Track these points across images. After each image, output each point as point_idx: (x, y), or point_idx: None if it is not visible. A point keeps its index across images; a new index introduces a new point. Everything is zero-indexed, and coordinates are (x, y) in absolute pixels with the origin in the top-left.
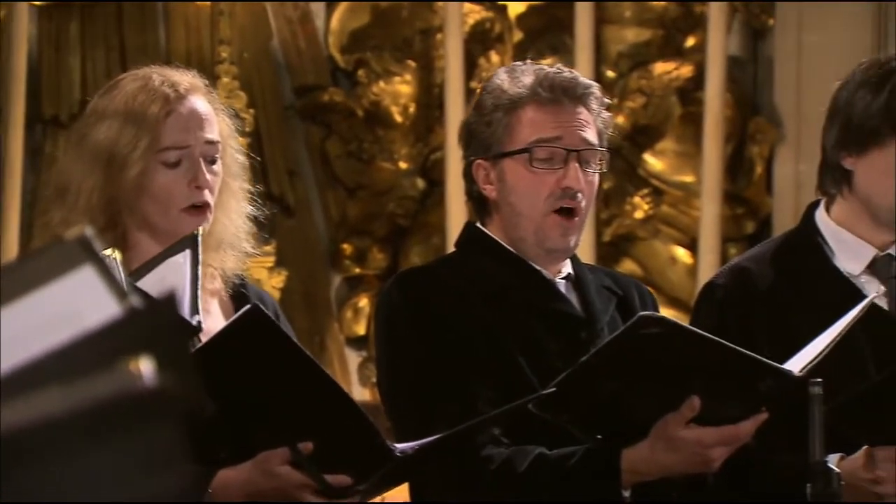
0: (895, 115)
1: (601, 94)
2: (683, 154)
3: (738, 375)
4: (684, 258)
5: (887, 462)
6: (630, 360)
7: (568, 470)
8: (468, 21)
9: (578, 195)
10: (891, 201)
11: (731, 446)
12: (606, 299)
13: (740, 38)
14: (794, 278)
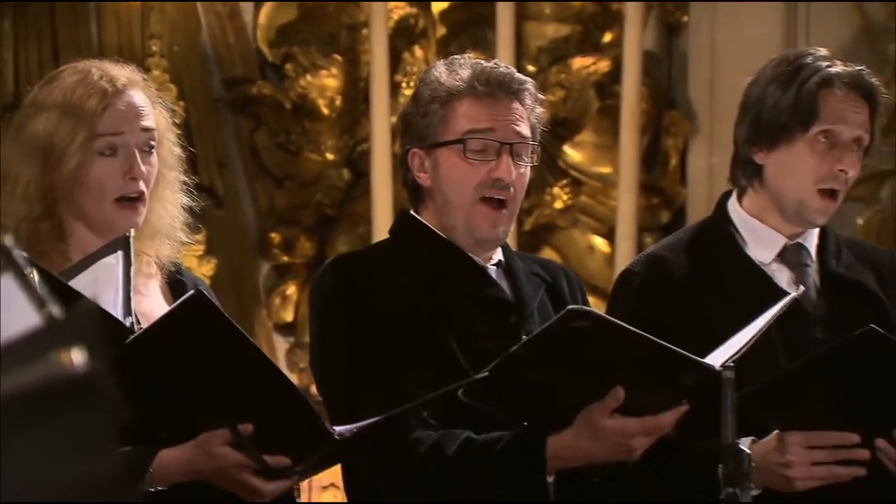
0: (803, 111)
1: (535, 90)
2: (601, 146)
3: (662, 368)
4: (602, 247)
5: (797, 446)
6: (557, 351)
7: (495, 454)
8: (393, 17)
9: (509, 187)
10: (798, 196)
11: (653, 436)
12: (536, 285)
13: (655, 34)
14: (707, 266)
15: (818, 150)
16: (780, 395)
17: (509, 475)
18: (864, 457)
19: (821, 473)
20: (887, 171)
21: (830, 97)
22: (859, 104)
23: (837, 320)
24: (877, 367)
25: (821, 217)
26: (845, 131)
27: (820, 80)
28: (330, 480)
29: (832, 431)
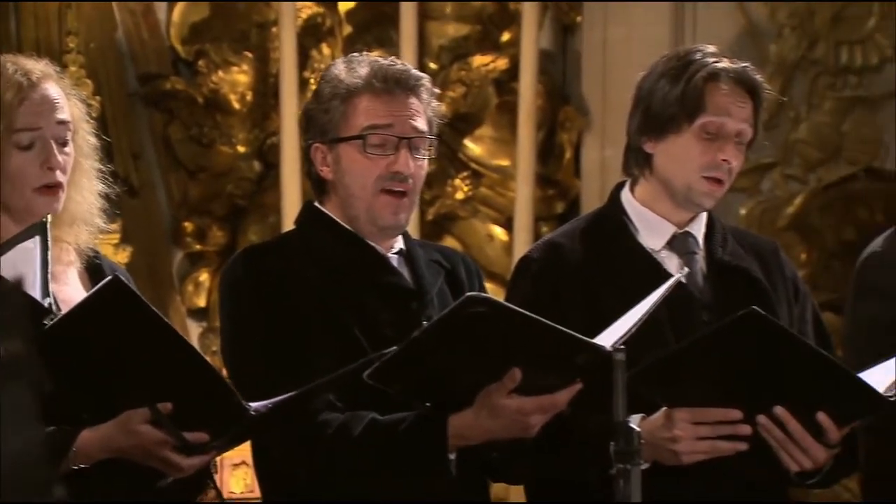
0: (690, 103)
1: (431, 86)
2: (500, 140)
3: (556, 350)
4: (501, 236)
5: (683, 422)
6: (457, 335)
7: (399, 434)
8: (301, 15)
9: (409, 179)
10: (686, 182)
11: (548, 413)
12: (435, 273)
13: (551, 33)
14: (601, 253)
15: (703, 141)
16: (667, 374)
17: (413, 453)
18: (746, 432)
19: (705, 448)
20: (768, 164)
21: (716, 91)
22: (743, 99)
23: (722, 305)
24: (758, 347)
25: (708, 200)
26: (729, 123)
27: (707, 74)
28: (241, 458)
29: (716, 408)
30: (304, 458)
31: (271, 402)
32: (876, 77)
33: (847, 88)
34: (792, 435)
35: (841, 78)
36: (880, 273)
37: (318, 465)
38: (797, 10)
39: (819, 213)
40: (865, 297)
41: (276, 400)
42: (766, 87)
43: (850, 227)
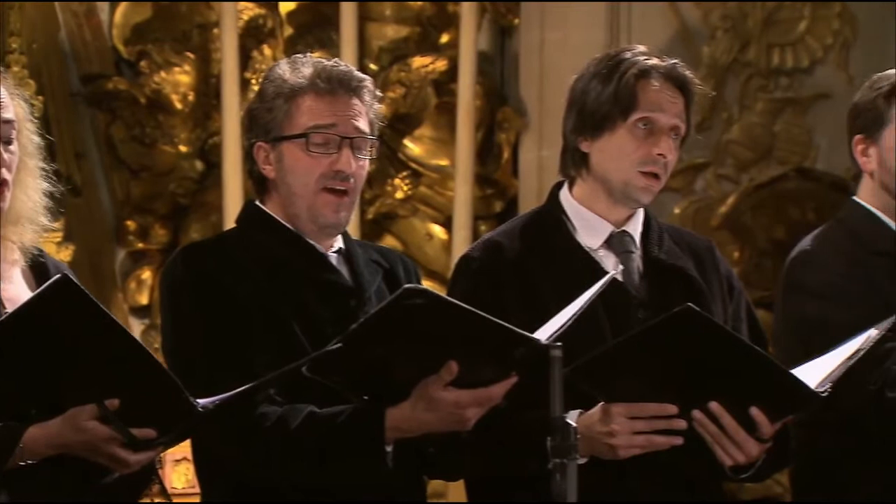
0: (622, 102)
1: (374, 87)
2: (439, 140)
3: (493, 343)
4: (440, 234)
5: (620, 417)
6: (395, 328)
7: (336, 426)
8: (242, 17)
9: (350, 178)
10: (623, 178)
11: (484, 407)
12: (374, 271)
13: (489, 35)
14: (540, 251)
15: (637, 136)
16: (605, 370)
17: (350, 445)
18: (682, 426)
19: (641, 442)
20: (702, 164)
21: (648, 87)
22: (674, 94)
23: (658, 303)
24: (694, 343)
25: (645, 195)
26: (662, 118)
27: (637, 71)
28: (182, 454)
29: (652, 403)
30: (243, 450)
31: (218, 398)
32: (806, 79)
33: (778, 90)
34: (726, 430)
35: (772, 80)
36: (808, 272)
37: (256, 457)
38: (730, 13)
39: (751, 213)
40: (794, 295)
41: (223, 396)
42: (697, 82)
43: (781, 225)
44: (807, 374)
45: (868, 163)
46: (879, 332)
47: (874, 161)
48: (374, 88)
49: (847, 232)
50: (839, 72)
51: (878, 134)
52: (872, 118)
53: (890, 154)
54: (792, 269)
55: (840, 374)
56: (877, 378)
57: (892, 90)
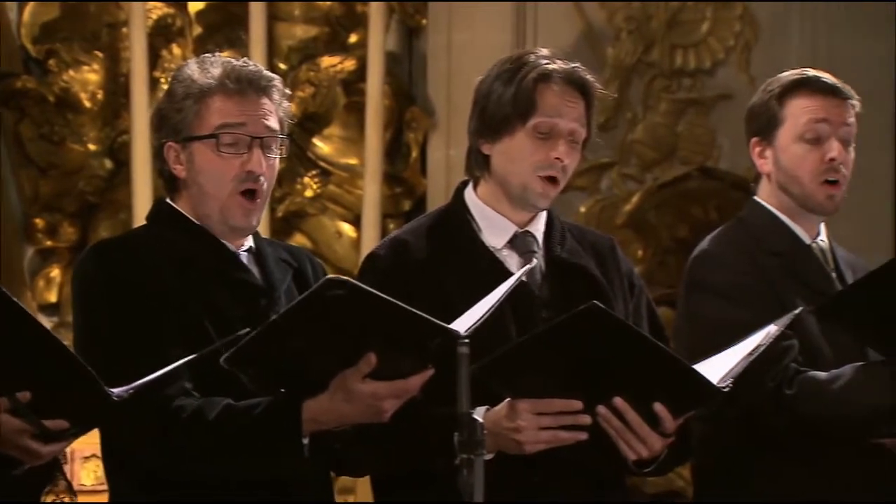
0: (522, 105)
1: (283, 86)
2: (348, 139)
3: (411, 334)
4: (349, 232)
5: (526, 413)
6: (315, 319)
7: (253, 418)
8: (151, 16)
9: (260, 178)
10: (521, 182)
11: (402, 398)
12: (284, 270)
13: (397, 35)
14: (446, 250)
15: (536, 140)
16: (511, 367)
17: (267, 437)
18: (587, 422)
19: (547, 437)
20: (607, 164)
21: (547, 91)
22: (574, 98)
23: (561, 301)
24: (598, 340)
25: (542, 200)
26: (561, 123)
27: (537, 75)
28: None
29: (558, 399)
30: (159, 442)
31: (132, 386)
32: (709, 80)
33: (681, 91)
34: (630, 425)
35: (676, 80)
36: (709, 270)
37: (173, 449)
38: (634, 15)
39: (655, 211)
40: (695, 293)
41: (138, 384)
42: (598, 86)
43: (684, 224)
44: (708, 369)
45: (765, 164)
46: (778, 328)
47: (770, 162)
48: (283, 87)
49: (747, 232)
50: (741, 73)
51: (772, 135)
52: (767, 120)
53: (784, 155)
54: (694, 267)
55: (741, 369)
56: (774, 375)
57: (784, 92)
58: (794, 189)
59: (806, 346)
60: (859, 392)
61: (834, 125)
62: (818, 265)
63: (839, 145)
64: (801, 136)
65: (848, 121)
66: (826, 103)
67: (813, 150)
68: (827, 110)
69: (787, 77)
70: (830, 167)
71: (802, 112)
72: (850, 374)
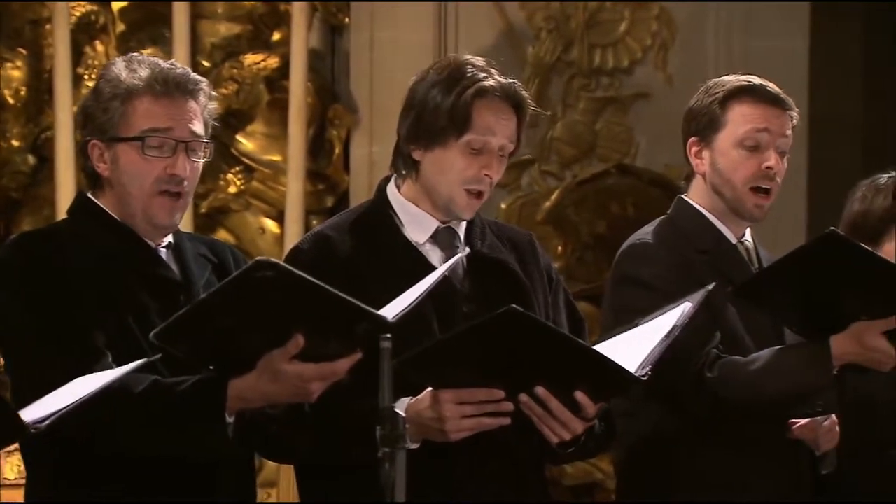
0: (458, 119)
1: (209, 89)
2: (271, 136)
3: (339, 317)
4: (272, 228)
5: (449, 403)
6: (244, 300)
7: (178, 394)
8: (75, 13)
9: (184, 182)
10: (448, 194)
11: (328, 380)
12: (203, 266)
13: (320, 33)
14: (369, 245)
15: (468, 156)
16: (433, 362)
17: (192, 413)
18: (509, 409)
19: (470, 424)
20: (527, 161)
21: (483, 108)
22: (509, 115)
23: (482, 295)
24: (518, 339)
25: (467, 212)
26: (493, 141)
27: (475, 91)
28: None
29: (480, 388)
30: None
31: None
32: (627, 79)
33: (600, 89)
34: (552, 411)
35: (594, 79)
36: (637, 264)
37: (97, 425)
38: (553, 14)
39: (574, 208)
40: (622, 286)
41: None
42: (531, 104)
43: (603, 220)
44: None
45: (701, 165)
46: (693, 306)
47: (707, 164)
48: (209, 90)
49: (675, 229)
50: (658, 72)
51: (711, 138)
52: (707, 122)
53: (722, 158)
54: (622, 261)
55: (658, 353)
56: (696, 360)
57: (728, 97)
58: (727, 192)
59: (727, 335)
60: (777, 373)
61: (774, 135)
62: (743, 264)
63: (776, 155)
64: (740, 143)
65: (787, 132)
66: (768, 113)
67: (751, 157)
68: (769, 120)
69: (732, 82)
70: (765, 175)
71: (745, 119)
72: (768, 356)
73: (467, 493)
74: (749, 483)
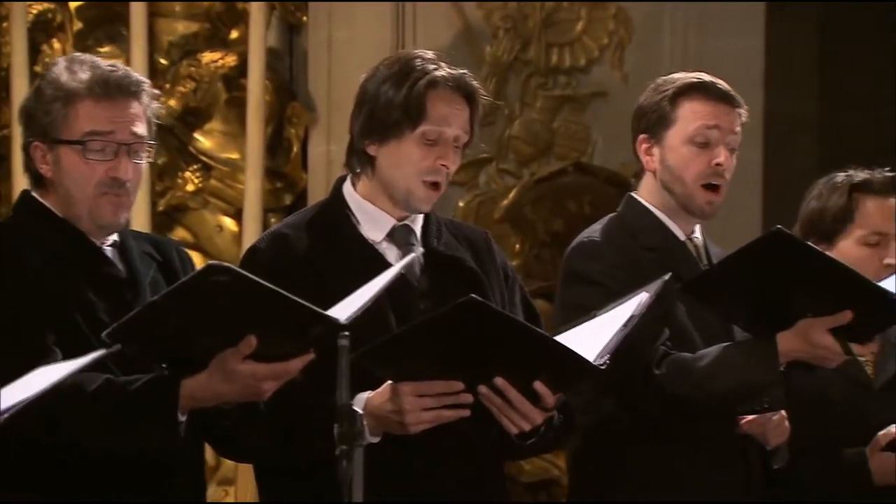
0: (412, 111)
1: (151, 89)
2: (229, 134)
3: (292, 320)
4: (230, 226)
5: (408, 395)
6: (196, 302)
7: (131, 392)
8: (32, 11)
9: (126, 184)
10: (406, 187)
11: (281, 380)
12: (148, 264)
13: (278, 32)
14: (325, 243)
15: (423, 147)
16: (392, 354)
17: (143, 411)
18: (468, 400)
19: (430, 417)
20: (485, 159)
21: (436, 99)
22: (461, 106)
23: (439, 293)
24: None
25: (425, 205)
26: (448, 131)
27: (427, 82)
28: None
29: (439, 381)
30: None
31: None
32: (584, 77)
33: (557, 88)
34: (511, 402)
35: (551, 78)
36: (586, 261)
37: (49, 422)
38: (510, 14)
39: (531, 206)
40: (571, 283)
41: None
42: (484, 93)
43: (560, 219)
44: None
45: (651, 161)
46: (650, 296)
47: (657, 160)
48: (152, 90)
49: (624, 226)
50: (614, 71)
51: (661, 135)
52: (657, 119)
53: (672, 155)
54: (571, 258)
55: (616, 343)
56: (645, 357)
57: (677, 94)
58: (677, 189)
59: (675, 332)
60: (724, 370)
61: (724, 132)
62: (692, 260)
63: (726, 152)
64: (691, 139)
65: (736, 129)
66: (718, 110)
67: (701, 153)
68: (718, 117)
69: (682, 79)
70: (715, 172)
71: (695, 116)
72: (716, 353)
73: (425, 489)
74: (700, 478)
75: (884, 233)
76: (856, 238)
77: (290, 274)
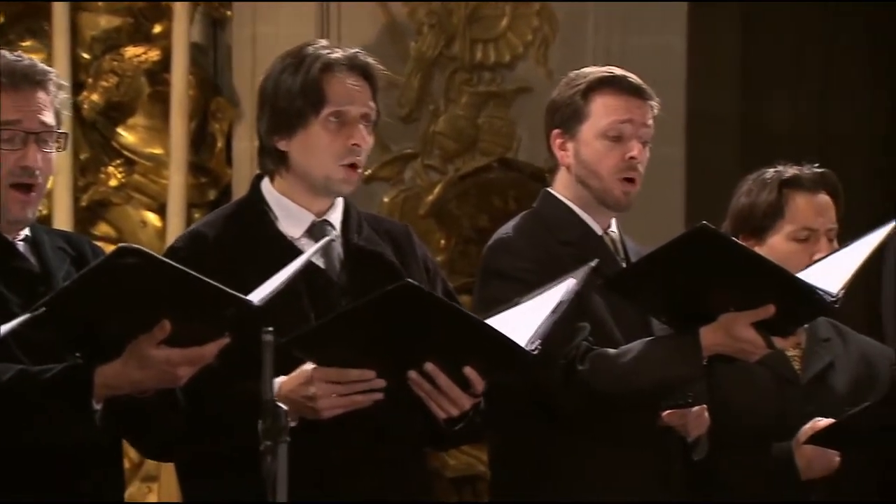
0: (312, 96)
1: (58, 78)
2: (153, 129)
3: (205, 303)
4: (154, 222)
5: (320, 381)
6: (108, 286)
7: (44, 381)
8: None
9: (36, 173)
10: (323, 173)
11: (196, 365)
12: (62, 258)
13: (202, 27)
14: (244, 240)
15: (331, 130)
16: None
17: (58, 400)
18: (380, 385)
19: (343, 402)
20: (410, 155)
21: (334, 80)
22: (360, 83)
23: (360, 288)
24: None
25: (346, 186)
26: (352, 110)
27: (322, 66)
28: None
29: (353, 369)
30: None
31: None
32: (508, 73)
33: (482, 84)
34: (441, 387)
35: (476, 74)
36: (503, 257)
37: None
38: (435, 10)
39: (456, 202)
40: (489, 279)
41: None
42: (379, 67)
43: (485, 214)
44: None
45: (565, 156)
46: (577, 282)
47: (571, 155)
48: (58, 80)
49: (540, 221)
50: (539, 67)
51: (575, 129)
52: (570, 114)
53: (586, 149)
54: (489, 254)
55: (546, 329)
56: (567, 352)
57: (589, 88)
58: (593, 183)
59: (595, 326)
60: (647, 365)
61: (636, 125)
62: (609, 254)
63: (639, 145)
64: (604, 134)
65: (648, 122)
66: (630, 104)
67: (614, 147)
68: (630, 111)
69: (594, 74)
70: (629, 165)
71: (607, 110)
72: (639, 348)
73: (346, 482)
74: (620, 472)
75: (813, 228)
76: (786, 234)
77: (209, 272)
